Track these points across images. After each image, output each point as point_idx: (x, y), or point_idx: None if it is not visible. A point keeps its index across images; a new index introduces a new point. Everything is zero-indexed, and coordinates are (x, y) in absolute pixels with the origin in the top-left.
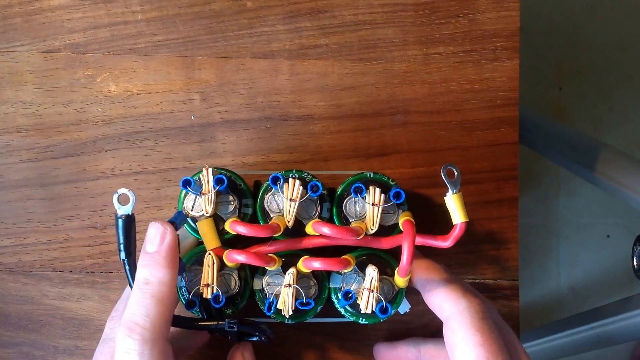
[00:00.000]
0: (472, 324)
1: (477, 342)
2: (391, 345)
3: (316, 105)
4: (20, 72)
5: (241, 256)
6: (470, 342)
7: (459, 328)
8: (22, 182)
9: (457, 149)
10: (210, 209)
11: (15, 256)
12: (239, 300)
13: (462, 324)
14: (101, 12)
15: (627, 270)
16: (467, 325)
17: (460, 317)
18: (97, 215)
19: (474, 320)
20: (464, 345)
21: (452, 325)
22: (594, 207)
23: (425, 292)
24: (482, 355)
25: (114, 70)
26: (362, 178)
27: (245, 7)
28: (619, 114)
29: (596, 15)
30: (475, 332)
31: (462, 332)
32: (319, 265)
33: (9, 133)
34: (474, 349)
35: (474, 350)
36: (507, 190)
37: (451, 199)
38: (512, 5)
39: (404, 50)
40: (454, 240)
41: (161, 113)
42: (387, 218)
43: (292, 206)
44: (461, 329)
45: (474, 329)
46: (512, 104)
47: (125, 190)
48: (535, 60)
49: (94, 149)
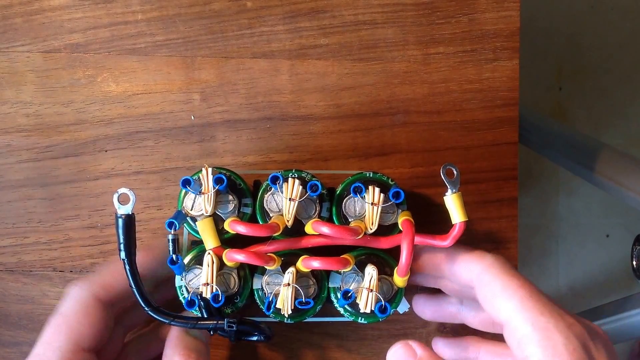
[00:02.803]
0: (506, 271)
1: (517, 285)
2: (433, 296)
3: (316, 105)
4: (20, 72)
5: (240, 255)
6: (510, 287)
7: (494, 278)
8: (22, 182)
9: (456, 149)
10: (210, 208)
11: (16, 256)
12: (239, 300)
13: (495, 274)
14: (101, 12)
15: (627, 270)
16: (502, 273)
17: (492, 269)
18: (97, 215)
19: (506, 268)
20: (504, 291)
21: (484, 278)
22: (593, 207)
23: (445, 268)
24: (525, 295)
25: (114, 70)
26: (362, 178)
27: (245, 7)
28: (619, 114)
29: (596, 15)
30: (512, 277)
31: (498, 280)
32: (318, 264)
33: (9, 133)
34: (516, 292)
35: (517, 292)
36: (507, 190)
37: (450, 198)
38: (512, 5)
39: (404, 50)
40: (454, 240)
41: (161, 113)
42: (387, 218)
43: (291, 206)
44: (497, 278)
45: (509, 274)
46: (512, 104)
47: (126, 190)
48: (535, 60)
49: (94, 149)
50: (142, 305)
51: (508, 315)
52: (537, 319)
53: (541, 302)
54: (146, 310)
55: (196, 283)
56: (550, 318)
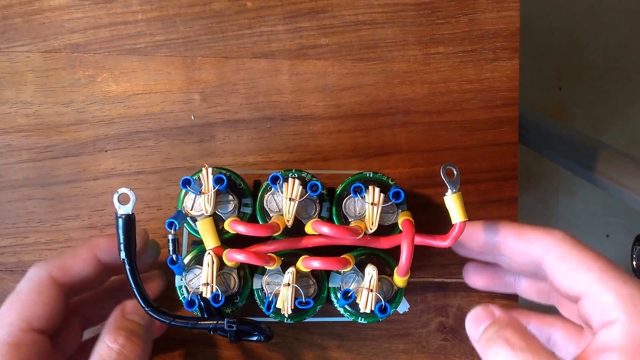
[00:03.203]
0: (578, 245)
1: (593, 257)
2: (485, 265)
3: (316, 105)
4: (20, 72)
5: (240, 255)
6: (588, 259)
7: (569, 251)
8: (22, 182)
9: (456, 149)
10: (210, 208)
11: (16, 256)
12: (239, 300)
13: (569, 247)
14: (101, 12)
15: (627, 270)
16: (576, 247)
17: (564, 243)
18: (97, 215)
19: (577, 242)
20: (581, 264)
21: (557, 253)
22: (593, 207)
23: (509, 246)
24: (604, 267)
25: (114, 70)
26: (362, 178)
27: (245, 7)
28: (619, 114)
29: (596, 15)
30: (586, 250)
31: (574, 253)
32: (318, 264)
33: (9, 133)
34: (595, 263)
35: (596, 264)
36: (507, 190)
37: (450, 198)
38: (512, 5)
39: (404, 50)
40: (454, 240)
41: (161, 113)
42: (387, 217)
43: (291, 205)
44: (571, 251)
45: (583, 248)
46: (512, 104)
47: (126, 190)
48: (535, 60)
49: (94, 149)
50: (142, 305)
51: (588, 286)
52: (620, 287)
53: (620, 272)
54: (146, 310)
55: (196, 283)
56: (634, 287)
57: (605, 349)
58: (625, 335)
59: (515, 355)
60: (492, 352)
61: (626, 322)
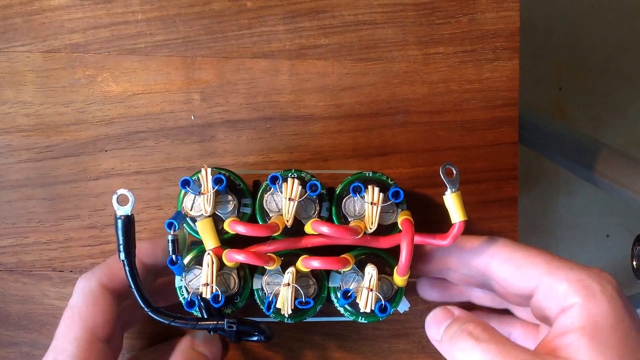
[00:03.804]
0: (519, 245)
1: (536, 253)
2: (438, 278)
3: (316, 105)
4: (20, 72)
5: (240, 256)
6: (531, 255)
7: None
8: (22, 182)
9: (457, 149)
10: (209, 208)
11: (16, 256)
12: (239, 300)
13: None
14: (101, 12)
15: (627, 270)
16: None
17: (506, 247)
18: (97, 215)
19: (520, 244)
20: (527, 261)
21: (502, 256)
22: (593, 207)
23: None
24: (549, 259)
25: (114, 70)
26: (361, 177)
27: (245, 7)
28: (619, 114)
29: (596, 15)
30: (528, 248)
31: (517, 253)
32: (318, 264)
33: (9, 133)
34: (539, 257)
35: (540, 258)
36: (507, 190)
37: (450, 197)
38: (512, 5)
39: (404, 50)
40: (453, 239)
41: (161, 113)
42: (386, 217)
43: (291, 205)
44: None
45: (524, 247)
46: (512, 104)
47: (125, 191)
48: (535, 60)
49: (94, 149)
50: (142, 306)
51: (538, 281)
52: (569, 274)
53: (565, 261)
54: (146, 310)
55: (196, 283)
56: (581, 271)
57: (565, 331)
58: (583, 316)
59: (479, 346)
60: (457, 347)
61: (582, 304)
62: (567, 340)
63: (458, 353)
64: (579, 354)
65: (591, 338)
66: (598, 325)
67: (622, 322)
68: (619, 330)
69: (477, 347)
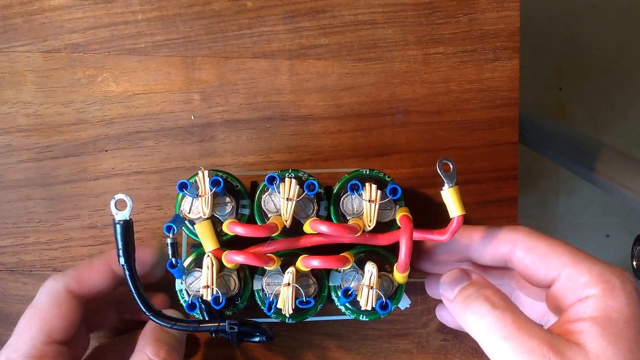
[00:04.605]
0: (544, 236)
1: (561, 243)
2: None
3: (316, 105)
4: (20, 72)
5: (240, 257)
6: (557, 245)
7: (538, 241)
8: (22, 182)
9: (457, 149)
10: (208, 210)
11: (16, 256)
12: (239, 301)
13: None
14: (101, 12)
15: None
16: (543, 238)
17: (531, 235)
18: (97, 215)
19: (543, 234)
20: (553, 249)
21: (527, 244)
22: (593, 207)
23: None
24: (574, 250)
25: (114, 70)
26: (358, 175)
27: (245, 7)
28: (619, 114)
29: (596, 15)
30: (552, 238)
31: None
32: (317, 263)
33: (9, 133)
34: (565, 248)
35: (566, 248)
36: (507, 190)
37: (447, 192)
38: (512, 5)
39: (404, 50)
40: (452, 234)
41: (161, 113)
42: (385, 214)
43: (289, 205)
44: (540, 241)
45: (549, 237)
46: (512, 104)
47: (123, 196)
48: (535, 60)
49: (94, 149)
50: (144, 310)
51: (560, 270)
52: (592, 267)
53: (588, 255)
54: (148, 315)
55: (196, 286)
56: (604, 266)
57: (578, 318)
58: (598, 307)
59: (495, 312)
60: (470, 309)
61: (599, 297)
62: (579, 327)
63: (471, 315)
64: (589, 340)
65: (603, 328)
66: (612, 317)
67: (637, 319)
68: (632, 326)
69: (492, 313)
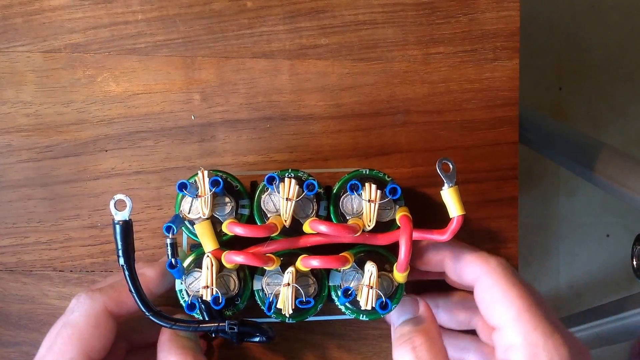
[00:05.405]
0: (508, 278)
1: (516, 295)
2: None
3: (316, 105)
4: (20, 72)
5: (239, 257)
6: (510, 295)
7: (495, 283)
8: (22, 182)
9: (457, 149)
10: (207, 211)
11: (16, 256)
12: (239, 301)
13: (497, 279)
14: (101, 12)
15: (627, 269)
16: (504, 279)
17: (494, 274)
18: (97, 215)
19: (508, 274)
20: (503, 299)
21: (486, 282)
22: (593, 207)
23: (448, 266)
24: (523, 307)
25: (114, 70)
26: (358, 175)
27: (245, 7)
28: (619, 114)
29: (596, 15)
30: (512, 285)
31: (499, 286)
32: (317, 263)
33: (9, 133)
34: (515, 302)
35: (515, 302)
36: (507, 190)
37: (447, 192)
38: (512, 5)
39: (404, 50)
40: (452, 234)
41: (161, 113)
42: (384, 214)
43: (288, 205)
44: (498, 284)
45: (511, 283)
46: (512, 103)
47: (122, 196)
48: (535, 60)
49: (94, 148)
50: (143, 310)
51: (503, 323)
52: (529, 334)
53: (537, 316)
54: (147, 314)
55: (196, 286)
56: (541, 336)
57: None
58: None
59: None
60: (397, 351)
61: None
62: None
63: (396, 357)
64: None
65: None
66: None
67: None
68: None
69: None
